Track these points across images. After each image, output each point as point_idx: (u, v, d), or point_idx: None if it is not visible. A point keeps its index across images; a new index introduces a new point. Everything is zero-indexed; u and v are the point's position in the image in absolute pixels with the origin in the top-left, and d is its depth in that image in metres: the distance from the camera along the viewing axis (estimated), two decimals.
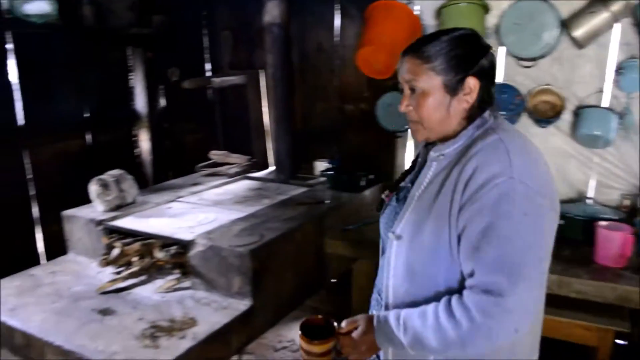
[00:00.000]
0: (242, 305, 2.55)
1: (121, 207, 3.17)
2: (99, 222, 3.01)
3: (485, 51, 1.41)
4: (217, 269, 2.61)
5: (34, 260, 3.87)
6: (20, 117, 3.77)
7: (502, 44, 3.34)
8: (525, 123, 3.39)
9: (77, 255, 3.17)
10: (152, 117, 4.47)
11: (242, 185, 3.85)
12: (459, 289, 1.34)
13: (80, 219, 3.11)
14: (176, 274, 2.76)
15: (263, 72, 4.14)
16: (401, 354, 1.40)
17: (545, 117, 3.25)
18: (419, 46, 1.40)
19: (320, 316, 1.50)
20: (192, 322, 2.40)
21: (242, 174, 4.04)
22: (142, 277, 2.81)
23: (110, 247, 2.87)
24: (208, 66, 4.86)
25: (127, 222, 3.01)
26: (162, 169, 4.55)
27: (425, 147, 1.58)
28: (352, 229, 2.88)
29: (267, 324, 2.67)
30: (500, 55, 3.41)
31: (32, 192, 3.90)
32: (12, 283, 2.84)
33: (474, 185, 1.28)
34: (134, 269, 2.77)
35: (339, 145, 4.12)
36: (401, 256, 1.42)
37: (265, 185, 3.83)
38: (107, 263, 2.83)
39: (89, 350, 2.18)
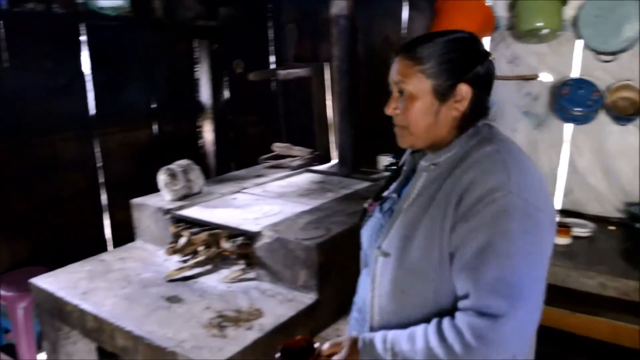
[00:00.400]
0: (307, 298, 2.53)
1: (188, 196, 3.21)
2: (167, 211, 3.05)
3: (483, 58, 1.31)
4: (282, 261, 2.60)
5: (102, 246, 4.00)
6: (91, 107, 3.89)
7: (580, 37, 3.20)
8: (602, 120, 3.23)
9: (145, 243, 3.23)
10: (216, 108, 4.53)
11: (305, 178, 3.83)
12: (451, 310, 1.24)
13: (149, 208, 3.16)
14: (241, 265, 2.76)
15: (327, 64, 4.11)
16: None
17: (625, 114, 3.10)
18: (412, 46, 1.32)
19: (300, 337, 1.41)
20: (258, 313, 2.39)
21: (305, 166, 4.02)
22: (208, 267, 2.83)
23: (177, 236, 2.91)
24: (272, 59, 4.87)
25: (194, 212, 3.04)
26: (225, 160, 4.61)
27: (412, 155, 1.49)
28: None
29: (330, 319, 2.63)
30: (578, 48, 3.26)
31: (101, 180, 4.04)
32: (83, 267, 2.92)
33: (470, 199, 1.19)
34: (200, 258, 2.80)
35: None
36: (387, 274, 1.33)
37: (328, 178, 3.80)
38: (173, 251, 2.86)
39: (158, 337, 2.20)
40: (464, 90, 1.28)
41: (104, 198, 4.09)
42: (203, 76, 4.47)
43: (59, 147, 3.78)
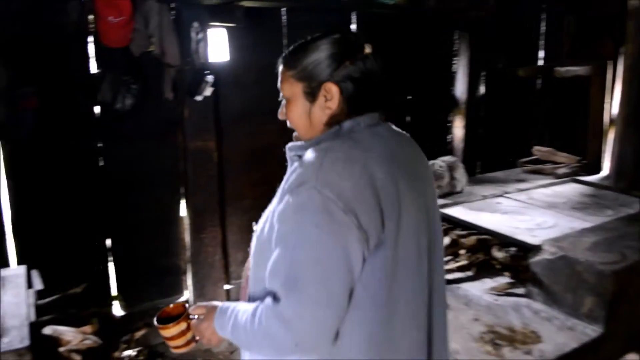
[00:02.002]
0: (590, 330, 2.21)
1: (450, 195, 3.07)
2: None
3: (354, 54, 1.28)
4: (565, 282, 2.31)
5: None
6: None
7: None
8: None
9: None
10: (470, 104, 4.31)
11: (572, 189, 3.44)
12: None
13: None
14: (507, 277, 2.53)
15: (610, 63, 3.62)
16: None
17: None
18: (287, 55, 1.34)
19: (173, 305, 1.50)
20: (535, 337, 2.15)
21: (571, 175, 3.61)
22: (468, 273, 2.66)
23: None
24: (540, 54, 4.47)
25: (458, 212, 2.88)
26: (472, 159, 4.38)
27: None
28: None
29: (616, 355, 2.29)
30: None
31: None
32: None
33: (287, 189, 1.22)
34: (463, 262, 2.63)
35: None
36: (256, 248, 1.36)
37: (599, 192, 3.36)
38: None
39: None
40: (331, 89, 1.27)
41: None
42: (460, 69, 4.28)
43: None
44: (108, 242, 3.18)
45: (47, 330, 2.20)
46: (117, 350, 2.80)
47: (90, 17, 2.84)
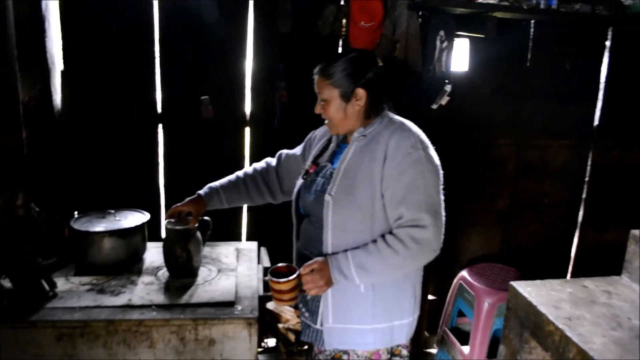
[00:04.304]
0: None
1: None
2: None
3: (373, 67, 1.89)
4: None
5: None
6: (596, 117, 3.64)
7: None
8: None
9: (633, 283, 2.81)
10: None
11: None
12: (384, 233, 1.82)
13: None
14: None
15: None
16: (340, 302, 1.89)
17: None
18: (323, 67, 1.88)
19: (283, 264, 1.86)
20: None
21: None
22: None
23: None
24: None
25: None
26: None
27: (336, 136, 2.06)
28: None
29: None
30: None
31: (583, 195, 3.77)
32: (564, 288, 2.70)
33: (397, 155, 1.78)
34: None
35: None
36: (337, 213, 1.83)
37: None
38: None
39: None
40: (360, 92, 1.86)
41: (579, 214, 3.83)
42: None
43: (551, 152, 3.66)
44: None
45: (270, 305, 2.39)
46: None
47: (344, 21, 3.03)
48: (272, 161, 2.34)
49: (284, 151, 2.33)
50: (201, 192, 2.24)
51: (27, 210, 2.15)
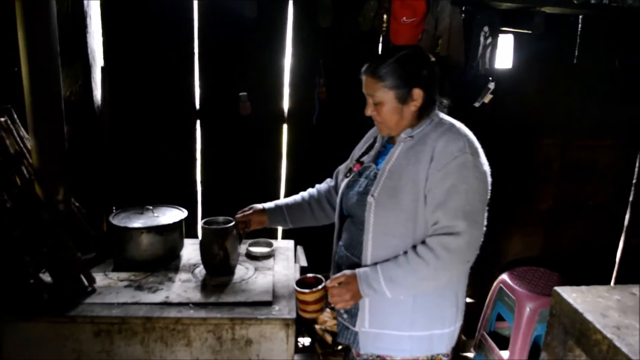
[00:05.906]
0: None
1: None
2: None
3: (426, 64, 1.78)
4: None
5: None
6: None
7: None
8: None
9: None
10: None
11: None
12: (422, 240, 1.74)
13: None
14: None
15: None
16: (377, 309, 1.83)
17: None
18: (373, 68, 1.77)
19: (310, 275, 1.85)
20: None
21: None
22: None
23: None
24: None
25: None
26: None
27: (382, 136, 1.98)
28: None
29: None
30: None
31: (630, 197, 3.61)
32: (611, 295, 2.59)
33: (443, 158, 1.70)
34: None
35: None
36: (380, 216, 1.77)
37: None
38: None
39: None
40: (417, 92, 1.78)
41: (626, 218, 3.67)
42: None
43: (597, 152, 3.53)
44: None
45: None
46: None
47: (384, 16, 2.97)
48: (331, 180, 2.28)
49: (340, 167, 2.23)
50: (267, 206, 2.19)
51: (68, 205, 2.17)
